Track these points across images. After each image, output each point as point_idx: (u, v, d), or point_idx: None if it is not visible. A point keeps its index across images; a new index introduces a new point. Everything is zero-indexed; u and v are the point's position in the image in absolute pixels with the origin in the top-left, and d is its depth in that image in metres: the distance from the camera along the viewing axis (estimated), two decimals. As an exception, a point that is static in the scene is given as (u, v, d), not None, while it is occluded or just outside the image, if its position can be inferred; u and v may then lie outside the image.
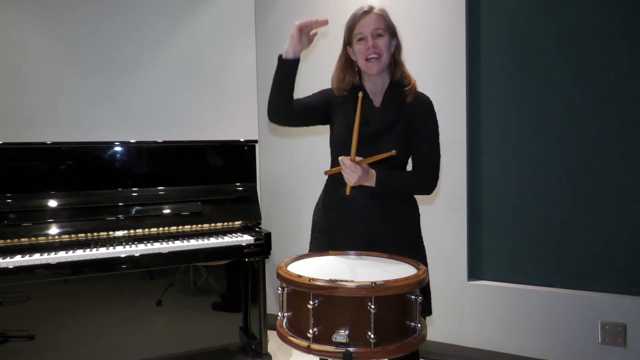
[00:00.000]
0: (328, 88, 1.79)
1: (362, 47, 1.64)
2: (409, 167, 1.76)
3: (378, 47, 1.63)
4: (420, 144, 1.68)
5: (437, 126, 1.72)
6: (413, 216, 1.76)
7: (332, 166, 1.73)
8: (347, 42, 1.71)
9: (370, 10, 1.65)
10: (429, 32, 2.70)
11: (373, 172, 1.58)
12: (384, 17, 1.66)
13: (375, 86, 1.72)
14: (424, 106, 1.70)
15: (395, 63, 1.71)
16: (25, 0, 2.85)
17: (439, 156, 1.71)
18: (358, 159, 1.52)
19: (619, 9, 2.31)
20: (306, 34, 1.61)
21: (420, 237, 1.77)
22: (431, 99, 1.73)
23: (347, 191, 1.57)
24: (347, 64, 1.74)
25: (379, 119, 1.67)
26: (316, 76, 1.97)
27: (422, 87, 2.91)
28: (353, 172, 1.52)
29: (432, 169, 1.69)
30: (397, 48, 1.70)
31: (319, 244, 1.75)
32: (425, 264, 1.65)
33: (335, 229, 1.71)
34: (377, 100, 1.71)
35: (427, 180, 1.69)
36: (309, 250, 1.80)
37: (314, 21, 1.60)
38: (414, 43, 2.73)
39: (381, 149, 1.53)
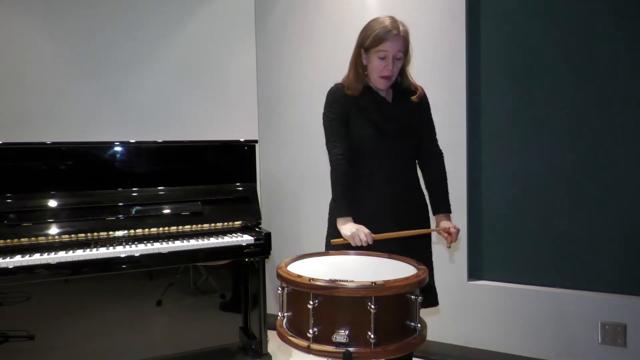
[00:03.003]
0: (337, 100, 1.78)
1: (381, 65, 1.72)
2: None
3: (393, 72, 1.73)
4: (426, 128, 1.88)
5: (430, 108, 1.91)
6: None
7: (357, 159, 1.77)
8: (365, 48, 1.75)
9: (399, 32, 1.70)
10: (429, 32, 2.70)
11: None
12: (406, 40, 1.74)
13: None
14: (426, 99, 1.89)
15: (401, 75, 1.82)
16: (26, 1, 2.85)
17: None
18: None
19: (619, 9, 2.31)
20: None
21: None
22: (431, 99, 1.83)
23: (333, 241, 1.66)
24: (361, 65, 1.78)
25: (396, 116, 1.79)
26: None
27: (422, 86, 2.91)
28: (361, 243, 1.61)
29: (438, 144, 1.91)
30: (406, 63, 1.80)
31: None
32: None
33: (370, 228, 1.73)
34: (388, 97, 1.83)
35: (441, 156, 1.91)
36: (327, 246, 1.84)
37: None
38: (414, 43, 2.71)
39: (403, 147, 1.79)
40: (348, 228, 1.64)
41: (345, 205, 1.70)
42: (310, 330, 1.23)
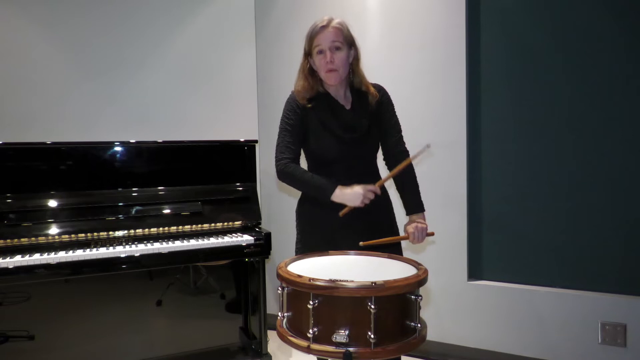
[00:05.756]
0: (293, 110, 1.78)
1: (322, 60, 1.73)
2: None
3: (335, 62, 1.71)
4: (391, 129, 1.84)
5: (393, 106, 1.87)
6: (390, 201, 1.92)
7: (314, 171, 1.76)
8: (308, 52, 1.77)
9: (328, 24, 1.72)
10: (428, 32, 2.70)
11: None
12: (341, 30, 1.73)
13: (338, 91, 1.81)
14: (385, 98, 1.84)
15: (353, 72, 1.80)
16: (28, 2, 2.85)
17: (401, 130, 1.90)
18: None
19: (619, 9, 2.31)
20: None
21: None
22: (430, 99, 1.79)
23: (342, 213, 1.66)
24: (309, 72, 1.79)
25: (357, 123, 1.77)
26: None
27: (422, 87, 2.91)
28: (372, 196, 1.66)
29: (404, 144, 1.87)
30: (355, 58, 1.79)
31: (313, 243, 1.76)
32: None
33: (336, 227, 1.73)
34: (346, 104, 1.81)
35: (407, 154, 1.85)
36: (297, 251, 1.84)
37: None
38: (414, 43, 2.73)
39: (364, 153, 1.79)
40: (353, 192, 1.64)
41: (326, 180, 1.69)
42: (310, 330, 1.23)
